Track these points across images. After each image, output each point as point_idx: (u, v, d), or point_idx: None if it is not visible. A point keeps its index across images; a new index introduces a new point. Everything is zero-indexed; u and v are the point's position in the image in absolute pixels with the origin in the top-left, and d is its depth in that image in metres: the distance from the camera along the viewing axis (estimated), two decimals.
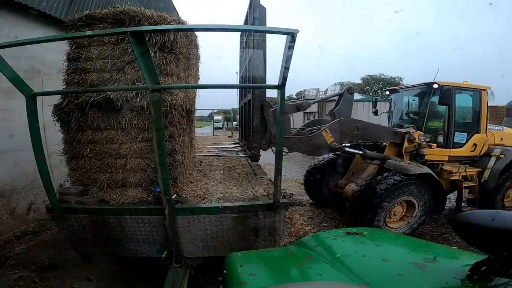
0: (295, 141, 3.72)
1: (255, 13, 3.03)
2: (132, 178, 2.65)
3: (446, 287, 0.95)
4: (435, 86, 4.39)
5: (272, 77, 2.10)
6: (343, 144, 4.11)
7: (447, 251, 1.43)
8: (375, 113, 5.76)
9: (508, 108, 6.58)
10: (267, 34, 1.91)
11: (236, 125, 15.55)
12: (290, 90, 34.36)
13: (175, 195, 2.56)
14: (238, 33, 5.23)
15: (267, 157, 3.54)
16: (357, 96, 19.01)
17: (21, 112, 2.29)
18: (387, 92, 5.54)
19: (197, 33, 3.46)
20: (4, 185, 4.09)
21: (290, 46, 1.81)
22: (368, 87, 39.44)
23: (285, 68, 1.92)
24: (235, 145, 6.18)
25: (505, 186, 4.65)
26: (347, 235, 1.51)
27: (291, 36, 1.78)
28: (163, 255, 2.51)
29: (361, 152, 4.32)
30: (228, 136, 10.36)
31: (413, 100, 5.23)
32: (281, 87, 2.02)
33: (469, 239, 0.96)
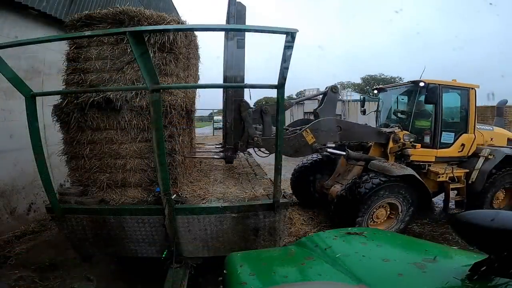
0: (275, 142, 3.64)
1: (231, 10, 3.00)
2: (132, 178, 2.64)
3: (446, 287, 0.95)
4: (421, 84, 4.26)
5: (272, 77, 2.10)
6: (327, 145, 3.99)
7: (447, 251, 1.43)
8: (363, 112, 5.66)
9: (498, 108, 6.44)
10: (268, 34, 1.90)
11: None
12: (290, 90, 34.25)
13: (175, 195, 2.56)
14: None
15: (267, 157, 3.53)
16: (356, 96, 19.02)
17: (21, 112, 2.28)
18: (375, 91, 5.39)
19: (196, 33, 3.46)
20: (4, 185, 4.09)
21: (289, 46, 1.80)
22: (368, 87, 39.44)
23: (284, 68, 1.91)
24: (218, 146, 6.08)
25: (494, 188, 4.47)
26: (347, 235, 1.51)
27: (290, 35, 1.77)
28: (163, 255, 2.50)
29: (344, 153, 4.20)
30: None
31: (402, 99, 5.10)
32: (280, 87, 2.01)
33: (469, 239, 0.96)
